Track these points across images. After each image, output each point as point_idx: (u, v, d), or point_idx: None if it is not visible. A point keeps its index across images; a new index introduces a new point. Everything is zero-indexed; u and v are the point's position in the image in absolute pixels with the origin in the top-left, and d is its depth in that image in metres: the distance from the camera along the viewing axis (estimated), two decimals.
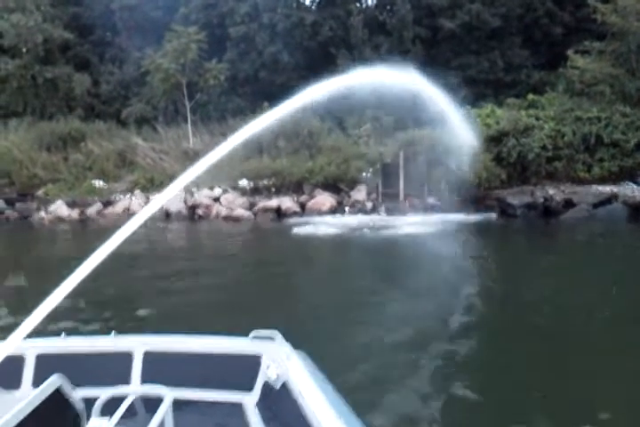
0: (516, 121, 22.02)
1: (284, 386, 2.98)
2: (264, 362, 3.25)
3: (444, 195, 22.03)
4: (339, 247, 18.03)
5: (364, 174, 23.38)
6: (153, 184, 25.95)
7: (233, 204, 23.99)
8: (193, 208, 24.39)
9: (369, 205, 22.62)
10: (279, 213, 23.06)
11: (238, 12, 28.99)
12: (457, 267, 13.48)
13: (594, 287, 10.81)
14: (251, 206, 23.62)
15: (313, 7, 29.89)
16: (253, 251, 17.84)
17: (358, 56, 27.42)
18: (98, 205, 25.41)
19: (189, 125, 28.10)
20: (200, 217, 24.01)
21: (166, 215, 24.10)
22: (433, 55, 27.41)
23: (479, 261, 14.55)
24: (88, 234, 23.65)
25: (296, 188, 23.67)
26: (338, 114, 27.56)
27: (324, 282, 12.48)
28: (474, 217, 20.47)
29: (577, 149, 21.67)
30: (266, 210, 23.25)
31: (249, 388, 3.29)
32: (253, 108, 28.06)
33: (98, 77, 33.20)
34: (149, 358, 3.39)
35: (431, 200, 22.19)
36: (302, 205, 23.16)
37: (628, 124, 20.97)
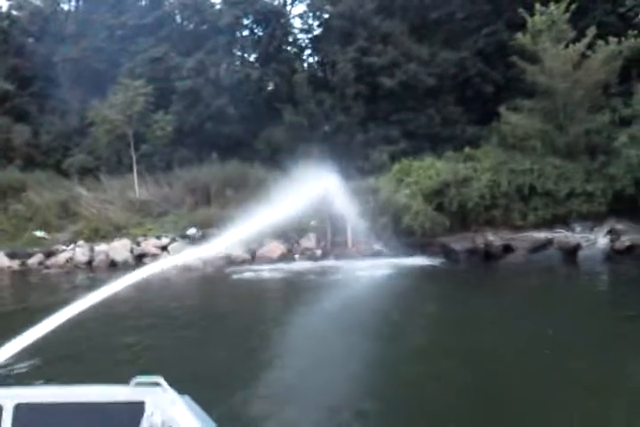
0: (455, 172, 23.26)
1: None
2: (147, 409, 3.07)
3: (390, 241, 22.84)
4: (284, 293, 18.51)
5: (312, 223, 23.95)
6: (97, 234, 25.67)
7: (181, 252, 23.95)
8: (140, 257, 24.20)
9: (318, 252, 23.13)
10: (229, 261, 23.20)
11: (184, 66, 29.71)
12: (401, 308, 14.03)
13: (533, 328, 11.45)
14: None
15: (257, 64, 30.97)
16: (199, 300, 17.92)
17: (303, 111, 28.49)
18: (39, 256, 24.86)
19: (135, 175, 28.11)
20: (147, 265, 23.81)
21: (111, 264, 23.89)
22: (373, 110, 28.78)
23: (424, 301, 15.25)
24: (29, 285, 23.06)
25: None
26: (283, 164, 28.36)
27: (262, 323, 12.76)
28: (419, 261, 21.31)
29: (512, 199, 22.98)
30: (215, 258, 23.32)
31: None
32: (200, 158, 28.52)
33: (38, 128, 32.92)
34: (21, 411, 3.14)
35: (378, 247, 22.91)
36: (252, 253, 23.42)
37: (559, 175, 22.50)
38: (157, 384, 3.11)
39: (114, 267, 23.64)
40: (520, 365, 9.20)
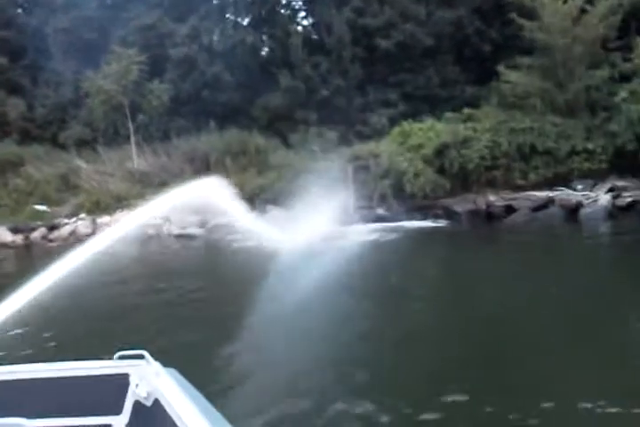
0: (455, 133, 23.08)
1: (156, 404, 2.85)
2: (132, 381, 3.05)
3: (392, 205, 22.85)
4: (287, 260, 18.49)
5: (313, 189, 23.85)
6: (99, 207, 25.68)
7: (184, 221, 24.00)
8: (143, 228, 24.24)
9: None
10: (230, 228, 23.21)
11: (178, 33, 29.25)
12: (405, 271, 14.11)
13: (538, 287, 11.40)
14: (202, 224, 23.69)
15: (251, 28, 30.41)
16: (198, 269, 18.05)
17: (299, 75, 28.14)
18: (42, 230, 24.94)
19: (133, 146, 27.96)
20: (150, 236, 23.89)
21: None
22: (370, 73, 28.43)
23: (427, 264, 15.40)
24: (34, 259, 23.18)
25: (247, 204, 23.88)
26: (282, 131, 28.20)
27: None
28: (422, 224, 21.36)
29: (513, 158, 22.84)
30: (218, 226, 23.35)
31: (118, 410, 3.11)
32: (197, 128, 28.32)
33: (32, 101, 32.62)
34: (6, 388, 3.14)
35: (380, 211, 22.91)
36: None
37: (559, 133, 22.33)
38: (141, 357, 3.09)
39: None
40: (524, 323, 9.27)
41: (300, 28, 31.90)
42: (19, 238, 24.56)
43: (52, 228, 24.97)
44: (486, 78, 26.02)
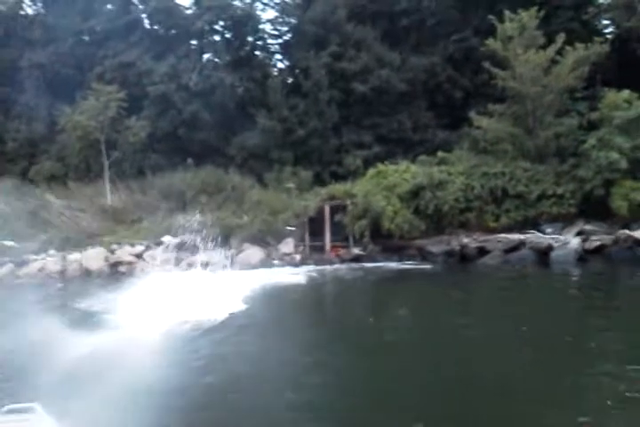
0: (430, 176, 23.57)
1: None
2: None
3: (368, 245, 23.06)
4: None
5: (289, 228, 23.99)
6: (69, 243, 25.24)
7: (157, 260, 23.74)
8: (115, 265, 23.92)
9: (297, 257, 23.17)
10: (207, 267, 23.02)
11: (157, 71, 29.51)
12: (380, 311, 14.26)
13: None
14: (177, 262, 23.43)
15: (229, 69, 30.85)
16: None
17: (276, 116, 28.57)
18: (10, 266, 24.38)
19: (107, 182, 27.78)
20: (123, 274, 23.53)
21: (85, 273, 23.56)
22: (346, 115, 29.05)
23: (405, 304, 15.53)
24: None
25: (223, 242, 23.81)
26: (257, 170, 28.41)
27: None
28: (399, 266, 21.56)
29: (486, 201, 23.39)
30: (193, 265, 23.14)
31: None
32: (172, 165, 28.33)
33: (3, 135, 32.33)
34: None
35: (356, 251, 23.08)
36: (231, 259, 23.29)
37: (530, 177, 23.01)
38: (32, 411, 2.99)
39: (88, 276, 23.35)
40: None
41: (276, 70, 32.51)
42: None
43: (21, 264, 24.43)
44: (458, 124, 26.84)
